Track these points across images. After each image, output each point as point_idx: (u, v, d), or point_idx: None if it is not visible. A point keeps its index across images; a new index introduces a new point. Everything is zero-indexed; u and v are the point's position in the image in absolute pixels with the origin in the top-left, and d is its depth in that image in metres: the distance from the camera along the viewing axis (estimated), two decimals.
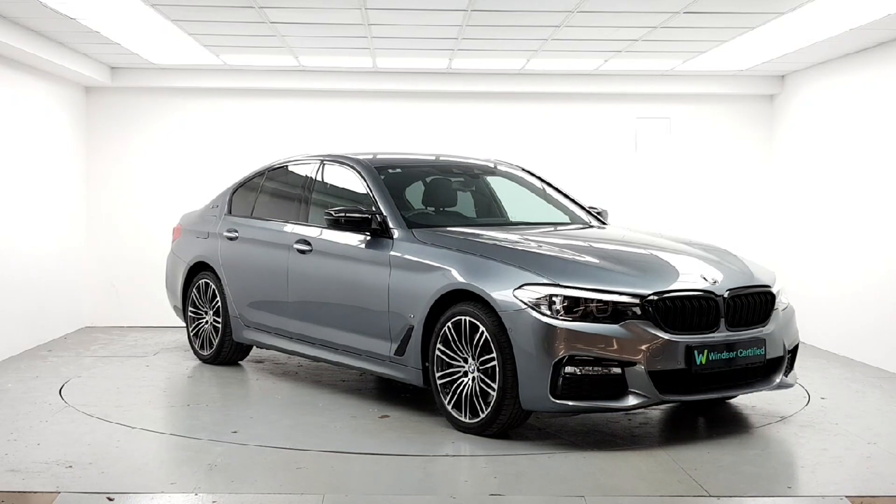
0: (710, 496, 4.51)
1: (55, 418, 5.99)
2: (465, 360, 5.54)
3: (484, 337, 5.40)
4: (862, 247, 8.40)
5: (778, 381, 5.75)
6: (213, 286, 7.81)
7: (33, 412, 6.14)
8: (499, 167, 7.56)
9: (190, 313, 8.09)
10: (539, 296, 5.26)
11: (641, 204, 10.22)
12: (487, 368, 5.40)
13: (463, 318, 5.53)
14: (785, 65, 9.27)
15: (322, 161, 7.24)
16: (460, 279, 5.60)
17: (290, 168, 7.61)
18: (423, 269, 5.88)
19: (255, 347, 7.82)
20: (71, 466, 4.89)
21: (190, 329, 8.13)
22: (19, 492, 4.50)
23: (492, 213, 7.31)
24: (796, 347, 6.00)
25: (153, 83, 9.94)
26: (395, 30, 7.81)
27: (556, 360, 5.13)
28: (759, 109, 10.32)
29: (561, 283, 5.29)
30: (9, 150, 8.36)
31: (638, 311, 5.23)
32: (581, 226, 6.95)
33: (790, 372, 5.93)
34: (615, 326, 5.18)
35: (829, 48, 8.33)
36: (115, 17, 7.37)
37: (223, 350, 7.78)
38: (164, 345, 8.98)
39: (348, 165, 6.91)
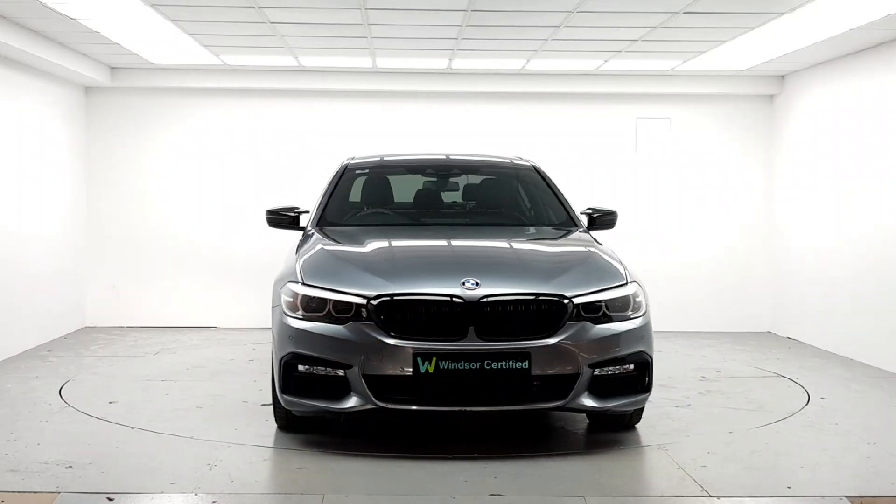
0: (710, 496, 4.51)
1: (55, 418, 5.99)
2: None
3: None
4: (862, 246, 8.40)
5: (566, 401, 5.07)
6: None
7: (33, 412, 6.14)
8: (482, 167, 7.30)
9: None
10: (289, 294, 5.32)
11: (641, 204, 10.22)
12: None
13: None
14: (785, 65, 9.27)
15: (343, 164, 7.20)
16: (279, 276, 5.70)
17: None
18: (289, 264, 5.90)
19: None
20: (71, 466, 4.89)
21: None
22: (19, 492, 4.50)
23: (449, 213, 7.00)
24: (644, 366, 5.27)
25: (153, 83, 9.93)
26: (395, 30, 7.81)
27: (281, 356, 5.19)
28: (759, 109, 10.32)
29: (306, 283, 5.30)
30: (8, 150, 8.36)
31: (364, 313, 5.07)
32: (513, 229, 6.54)
33: (622, 395, 5.24)
34: (339, 328, 5.09)
35: (829, 48, 8.32)
36: (115, 17, 7.38)
37: None
38: (164, 345, 8.98)
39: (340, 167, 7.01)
